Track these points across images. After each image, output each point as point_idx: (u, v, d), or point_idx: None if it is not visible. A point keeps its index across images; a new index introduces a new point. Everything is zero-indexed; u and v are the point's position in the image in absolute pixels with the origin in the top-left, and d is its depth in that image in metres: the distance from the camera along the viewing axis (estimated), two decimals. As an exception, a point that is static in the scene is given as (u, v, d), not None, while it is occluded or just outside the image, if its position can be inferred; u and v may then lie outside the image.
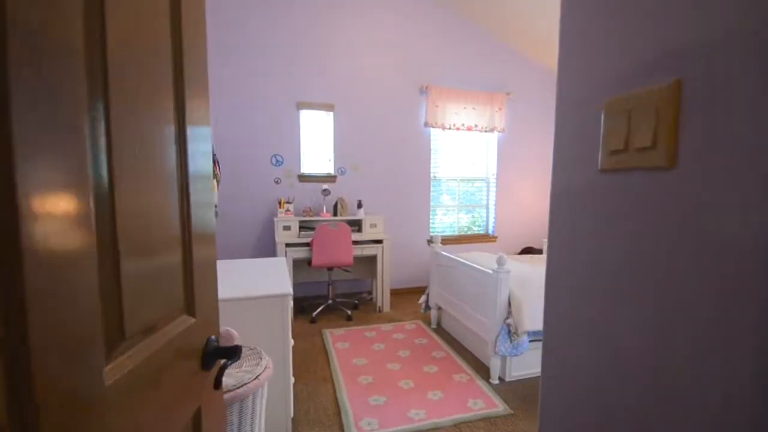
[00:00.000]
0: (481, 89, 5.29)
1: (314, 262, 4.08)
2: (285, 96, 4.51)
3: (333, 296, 4.55)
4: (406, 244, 5.22)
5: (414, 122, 5.08)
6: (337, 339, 3.71)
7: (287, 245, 4.14)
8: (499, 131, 5.38)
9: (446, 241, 5.35)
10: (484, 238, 5.61)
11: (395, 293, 5.15)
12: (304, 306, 4.53)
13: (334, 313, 4.44)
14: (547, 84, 5.72)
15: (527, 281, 3.03)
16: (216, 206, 4.08)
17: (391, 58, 4.90)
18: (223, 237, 4.43)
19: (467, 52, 5.21)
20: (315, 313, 4.20)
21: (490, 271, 2.99)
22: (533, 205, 5.87)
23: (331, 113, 4.76)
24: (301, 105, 4.59)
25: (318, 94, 4.65)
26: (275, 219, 4.25)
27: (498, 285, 2.89)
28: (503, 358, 2.96)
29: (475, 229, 5.71)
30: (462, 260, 3.48)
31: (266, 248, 4.63)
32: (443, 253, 3.85)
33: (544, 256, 4.06)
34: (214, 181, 3.90)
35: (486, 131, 5.32)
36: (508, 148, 5.58)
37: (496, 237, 5.66)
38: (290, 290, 2.12)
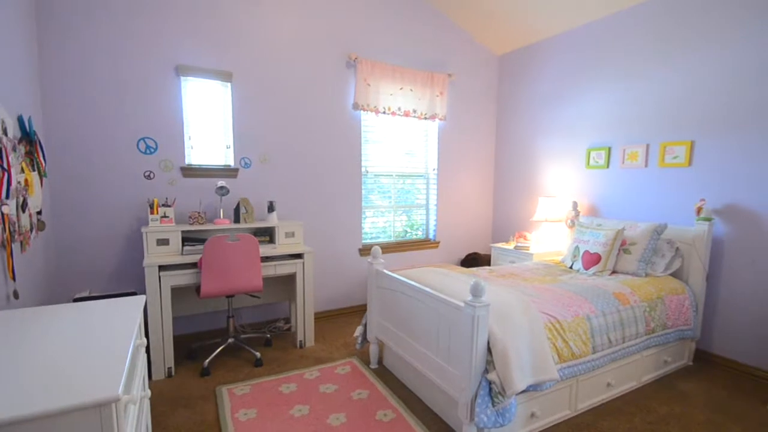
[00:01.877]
0: (420, 68, 4.42)
1: (204, 290, 2.89)
2: (157, 56, 3.22)
3: (235, 332, 3.38)
4: (333, 256, 4.18)
5: (341, 103, 4.05)
6: (240, 402, 2.58)
7: (163, 268, 2.89)
8: (440, 119, 4.55)
9: (381, 249, 4.40)
10: (424, 244, 4.76)
11: (322, 318, 4.10)
12: (193, 350, 3.29)
13: (238, 356, 3.28)
14: (491, 69, 5.01)
15: (506, 313, 2.16)
16: (39, 214, 2.72)
17: (309, 17, 3.81)
18: (57, 261, 3.05)
19: (405, 22, 4.29)
20: (208, 360, 3.01)
21: (461, 304, 2.09)
22: (478, 205, 5.14)
23: (228, 84, 3.56)
24: (183, 70, 3.33)
25: (208, 56, 3.42)
26: (144, 230, 2.97)
27: (474, 325, 1.99)
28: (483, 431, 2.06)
29: (414, 233, 4.84)
30: (416, 285, 2.54)
31: (131, 275, 3.30)
32: (388, 273, 2.89)
33: (517, 269, 3.27)
34: (34, 174, 2.54)
35: (426, 118, 4.46)
36: (449, 138, 4.78)
37: (438, 243, 4.84)
38: (119, 389, 1.00)
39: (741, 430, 2.33)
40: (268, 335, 3.55)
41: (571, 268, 3.49)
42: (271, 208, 3.57)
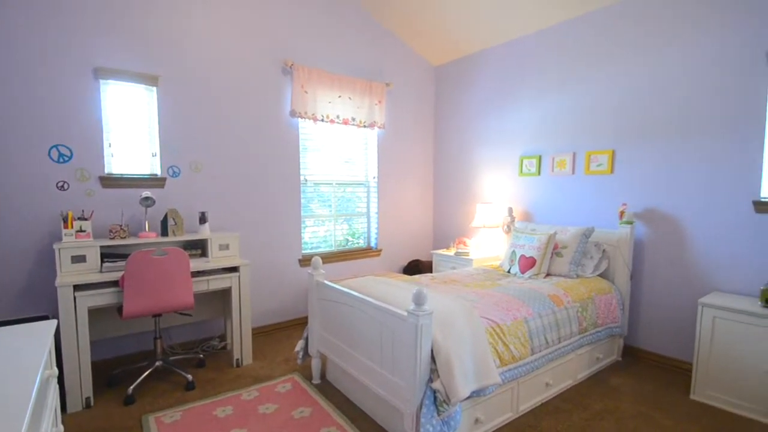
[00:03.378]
0: (359, 76, 4.40)
1: (127, 310, 2.64)
2: (72, 56, 2.94)
3: (164, 353, 3.12)
4: (272, 267, 4.02)
5: (277, 110, 3.93)
6: (169, 431, 2.37)
7: (79, 288, 2.61)
8: (379, 127, 4.55)
9: (322, 259, 4.30)
10: (365, 252, 4.71)
11: (261, 333, 3.92)
12: (115, 376, 2.99)
13: (167, 380, 3.03)
14: (428, 79, 5.11)
15: (449, 320, 2.16)
16: None
17: (241, 20, 3.67)
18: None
19: (342, 31, 4.26)
20: (133, 387, 2.74)
21: (404, 313, 2.05)
22: (419, 212, 5.19)
23: (154, 89, 3.33)
24: (103, 73, 3.07)
25: (131, 58, 3.18)
26: (57, 246, 2.67)
27: (418, 334, 1.96)
28: (429, 441, 2.03)
29: (355, 242, 4.78)
30: (358, 295, 2.48)
31: (43, 295, 2.97)
32: (329, 284, 2.80)
33: (458, 275, 3.29)
34: None
35: (365, 126, 4.44)
36: (389, 146, 4.79)
37: (380, 251, 4.82)
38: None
39: (669, 421, 2.48)
40: (201, 355, 3.32)
41: (509, 272, 3.60)
42: (203, 219, 3.36)
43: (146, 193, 3.14)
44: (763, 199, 2.75)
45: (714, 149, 2.95)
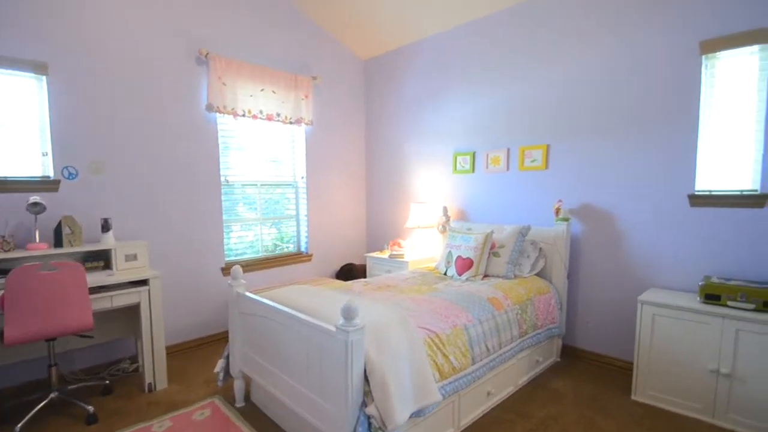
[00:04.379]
0: (283, 69, 4.07)
1: (9, 335, 2.15)
2: None
3: (60, 382, 2.62)
4: (190, 278, 3.58)
5: (191, 104, 3.50)
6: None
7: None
8: (306, 123, 4.24)
9: (248, 266, 3.92)
10: (296, 257, 4.38)
11: (178, 352, 3.48)
12: (1, 411, 2.45)
13: (65, 413, 2.55)
14: (357, 73, 4.88)
15: (383, 333, 1.93)
16: None
17: (148, 2, 3.21)
18: None
19: (263, 20, 3.91)
20: (22, 424, 2.25)
21: (332, 329, 1.79)
22: (351, 213, 4.94)
23: (44, 78, 2.82)
24: (-33, 55, 2.51)
25: (13, 41, 2.65)
26: None
27: (349, 352, 1.71)
28: (363, 474, 1.78)
29: (285, 246, 4.43)
30: (282, 309, 2.17)
31: None
32: (251, 296, 2.46)
33: (393, 280, 3.06)
34: None
35: (291, 123, 4.12)
36: (318, 144, 4.50)
37: (311, 255, 4.50)
38: None
39: (613, 425, 2.41)
40: (107, 381, 2.84)
41: (445, 274, 3.45)
42: (105, 226, 2.90)
43: (34, 198, 2.65)
44: (697, 193, 2.74)
45: (648, 142, 2.92)
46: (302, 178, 4.41)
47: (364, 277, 4.48)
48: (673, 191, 2.84)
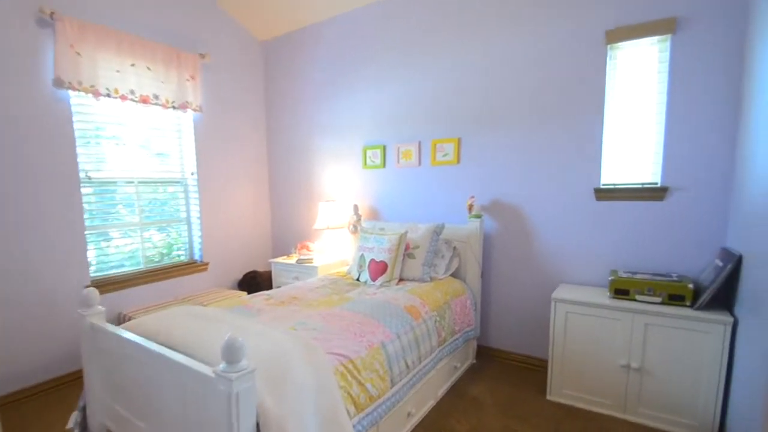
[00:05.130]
0: (162, 41, 3.42)
1: None
2: None
3: None
4: (36, 304, 2.83)
5: (32, 78, 2.75)
6: None
7: None
8: (194, 109, 3.64)
9: (127, 282, 3.26)
10: (189, 267, 3.77)
11: (20, 400, 2.73)
12: None
13: None
14: (254, 56, 4.34)
15: (283, 370, 1.55)
16: None
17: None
18: None
19: (132, -22, 3.23)
20: None
21: (211, 375, 1.37)
22: (253, 214, 4.42)
23: None
24: None
25: None
26: None
27: (233, 406, 1.30)
28: None
29: (175, 255, 3.79)
30: (146, 345, 1.68)
31: None
32: (110, 329, 1.91)
33: (300, 290, 2.63)
34: None
35: (174, 107, 3.49)
36: (210, 135, 3.91)
37: (207, 264, 3.91)
38: None
39: (533, 430, 2.30)
40: None
41: (358, 280, 3.14)
42: None
43: None
44: (602, 186, 2.73)
45: (556, 136, 2.86)
46: (192, 174, 3.79)
47: (270, 285, 4.00)
48: (580, 185, 2.81)
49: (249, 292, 3.93)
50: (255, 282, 4.06)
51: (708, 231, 2.43)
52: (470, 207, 3.15)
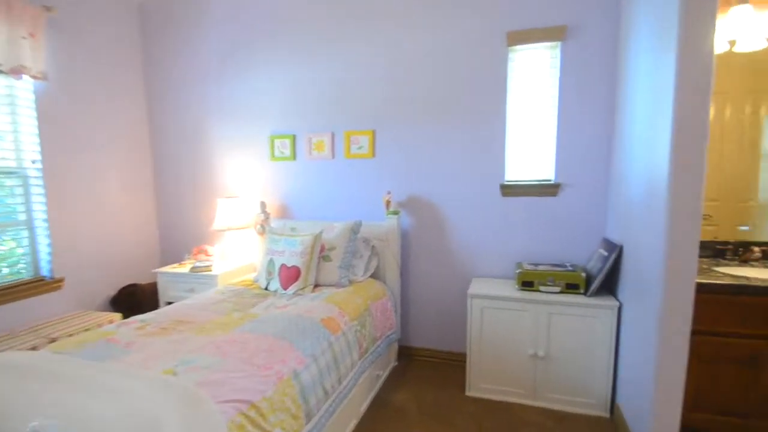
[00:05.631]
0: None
1: None
2: None
3: None
4: None
5: None
6: None
7: None
8: (34, 76, 2.79)
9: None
10: (33, 286, 2.92)
11: None
12: None
13: None
14: (128, 18, 3.60)
15: None
16: None
17: None
18: None
19: None
20: None
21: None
22: (132, 213, 3.67)
23: None
24: None
25: None
26: None
27: None
28: None
29: (10, 272, 2.92)
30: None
31: None
32: None
33: (191, 310, 2.07)
34: None
35: (2, 72, 2.63)
36: (61, 111, 3.08)
37: (60, 280, 3.08)
38: None
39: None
40: None
41: (267, 289, 2.70)
42: None
43: None
44: (506, 183, 2.83)
45: (464, 132, 2.90)
46: (34, 162, 2.95)
47: (156, 301, 3.30)
48: (488, 181, 2.90)
49: (127, 314, 3.17)
50: (134, 299, 3.35)
51: (592, 223, 2.68)
52: (387, 203, 2.94)
